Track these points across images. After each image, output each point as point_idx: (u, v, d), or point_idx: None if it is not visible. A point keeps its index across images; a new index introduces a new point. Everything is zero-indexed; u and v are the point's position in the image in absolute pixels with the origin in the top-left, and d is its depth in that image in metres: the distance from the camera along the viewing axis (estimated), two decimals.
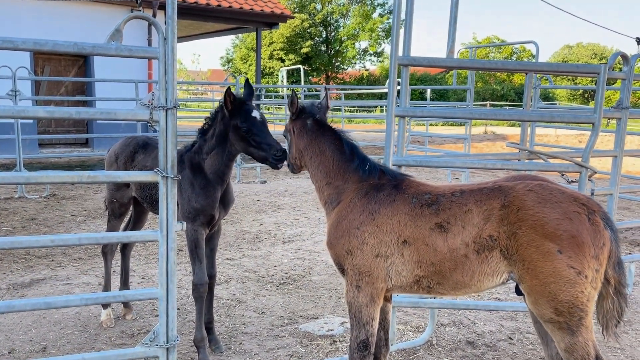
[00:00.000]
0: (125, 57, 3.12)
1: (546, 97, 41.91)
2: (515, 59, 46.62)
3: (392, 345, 4.21)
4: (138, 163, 4.28)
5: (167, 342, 3.27)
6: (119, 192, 4.47)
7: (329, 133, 3.29)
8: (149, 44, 16.30)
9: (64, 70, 16.04)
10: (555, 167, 3.91)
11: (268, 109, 23.60)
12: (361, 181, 3.12)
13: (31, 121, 14.42)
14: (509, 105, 38.11)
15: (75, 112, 3.04)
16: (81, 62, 16.07)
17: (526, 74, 4.40)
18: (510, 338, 4.56)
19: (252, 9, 17.62)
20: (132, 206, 4.69)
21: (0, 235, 7.32)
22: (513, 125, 30.50)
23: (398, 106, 3.87)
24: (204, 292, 3.95)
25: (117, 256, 5.17)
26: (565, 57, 51.91)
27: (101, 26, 14.01)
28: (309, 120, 3.30)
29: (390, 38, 3.89)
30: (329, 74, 45.37)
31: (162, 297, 3.25)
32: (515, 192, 2.73)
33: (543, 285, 2.62)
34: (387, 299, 3.27)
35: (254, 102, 3.93)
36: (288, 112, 3.36)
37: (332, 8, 43.73)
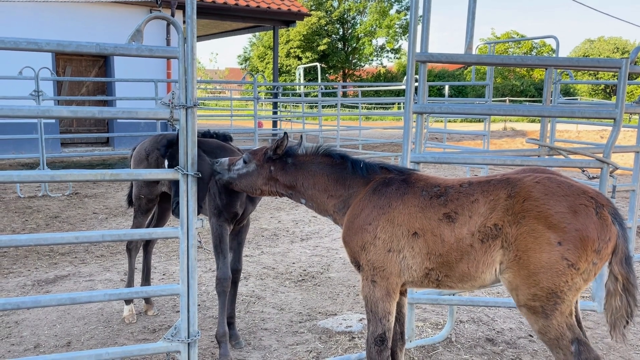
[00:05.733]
0: (146, 57, 3.17)
1: (567, 92, 41.29)
2: (535, 54, 46.03)
3: (410, 342, 4.21)
4: None
5: (188, 337, 3.32)
6: (148, 188, 4.53)
7: (311, 158, 3.34)
8: (168, 43, 16.46)
9: (85, 70, 16.29)
10: (576, 163, 3.87)
11: (285, 107, 23.64)
12: (366, 182, 3.17)
13: (53, 121, 14.67)
14: (529, 101, 37.64)
15: (98, 112, 3.11)
16: (101, 62, 16.30)
17: (546, 69, 4.36)
18: (531, 335, 4.53)
19: (269, 8, 17.68)
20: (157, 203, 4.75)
21: (25, 232, 7.48)
22: (533, 121, 30.15)
23: (416, 103, 3.87)
24: (227, 286, 4.00)
25: (140, 253, 5.25)
26: (586, 52, 51.08)
27: (121, 27, 14.19)
28: (289, 158, 3.33)
29: (407, 35, 3.88)
30: (346, 71, 45.32)
31: (183, 293, 3.31)
32: (522, 183, 2.75)
33: (530, 275, 2.64)
34: (403, 293, 3.29)
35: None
36: (271, 152, 3.36)
37: (349, 5, 43.65)
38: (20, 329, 4.53)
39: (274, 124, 18.43)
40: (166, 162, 3.69)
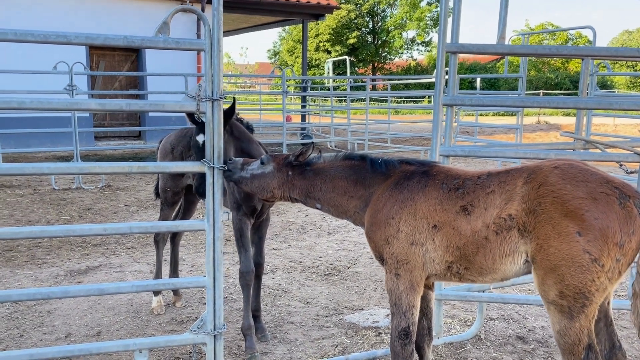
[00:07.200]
0: (172, 50, 3.18)
1: (604, 85, 40.12)
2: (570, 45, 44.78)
3: (438, 338, 4.14)
4: None
5: (214, 330, 3.33)
6: (173, 181, 4.57)
7: (330, 164, 3.30)
8: (198, 37, 16.61)
9: (118, 65, 16.58)
10: (613, 157, 3.72)
11: (314, 101, 23.59)
12: (387, 177, 3.11)
13: (87, 115, 15.00)
14: (564, 94, 36.68)
15: (125, 104, 3.13)
16: (134, 57, 16.55)
17: (582, 60, 4.21)
18: None
19: (298, 1, 17.64)
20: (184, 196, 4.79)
21: (59, 224, 7.66)
22: (567, 115, 29.38)
23: (446, 95, 3.78)
24: (250, 280, 4.01)
25: (168, 245, 5.30)
26: (624, 43, 49.47)
27: (153, 21, 14.35)
28: (308, 167, 3.30)
29: (437, 27, 3.79)
30: (376, 64, 45.00)
31: (209, 285, 3.31)
32: (539, 168, 2.65)
33: (554, 267, 2.52)
34: (429, 287, 3.24)
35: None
36: (292, 158, 3.33)
37: None
38: (52, 318, 4.63)
39: (303, 117, 18.43)
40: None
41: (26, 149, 11.73)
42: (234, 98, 3.30)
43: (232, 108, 3.65)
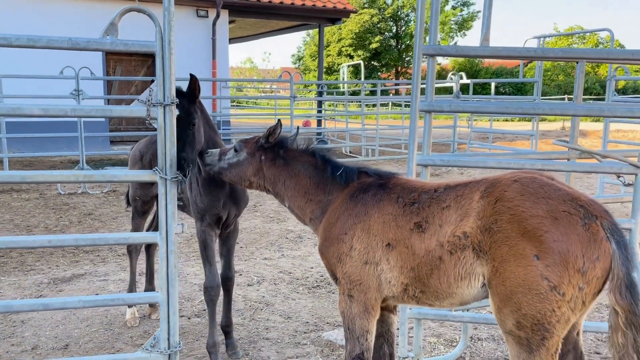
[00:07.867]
0: (121, 51, 3.02)
1: (636, 90, 38.81)
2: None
3: None
4: None
5: (168, 349, 3.14)
6: (142, 190, 4.41)
7: (301, 155, 3.09)
8: (214, 43, 16.61)
9: (134, 70, 16.69)
10: (606, 167, 3.41)
11: (336, 106, 23.38)
12: (343, 188, 2.90)
13: (102, 120, 15.07)
14: (593, 99, 35.59)
15: (70, 110, 2.98)
16: (149, 62, 16.64)
17: (577, 63, 3.90)
18: None
19: (314, 5, 17.51)
20: (155, 204, 4.64)
21: (57, 229, 7.62)
22: (597, 121, 28.43)
23: (423, 100, 3.52)
24: (215, 295, 3.80)
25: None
26: None
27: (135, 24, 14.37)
28: (281, 150, 3.10)
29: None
30: (399, 69, 44.56)
31: (162, 301, 3.14)
32: (498, 182, 2.38)
33: (510, 293, 2.24)
34: (390, 310, 2.97)
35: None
36: (263, 140, 3.15)
37: (403, 2, 42.79)
38: (24, 328, 4.50)
39: (319, 122, 18.24)
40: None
41: (43, 153, 11.76)
42: (191, 74, 3.13)
43: (192, 84, 3.41)
